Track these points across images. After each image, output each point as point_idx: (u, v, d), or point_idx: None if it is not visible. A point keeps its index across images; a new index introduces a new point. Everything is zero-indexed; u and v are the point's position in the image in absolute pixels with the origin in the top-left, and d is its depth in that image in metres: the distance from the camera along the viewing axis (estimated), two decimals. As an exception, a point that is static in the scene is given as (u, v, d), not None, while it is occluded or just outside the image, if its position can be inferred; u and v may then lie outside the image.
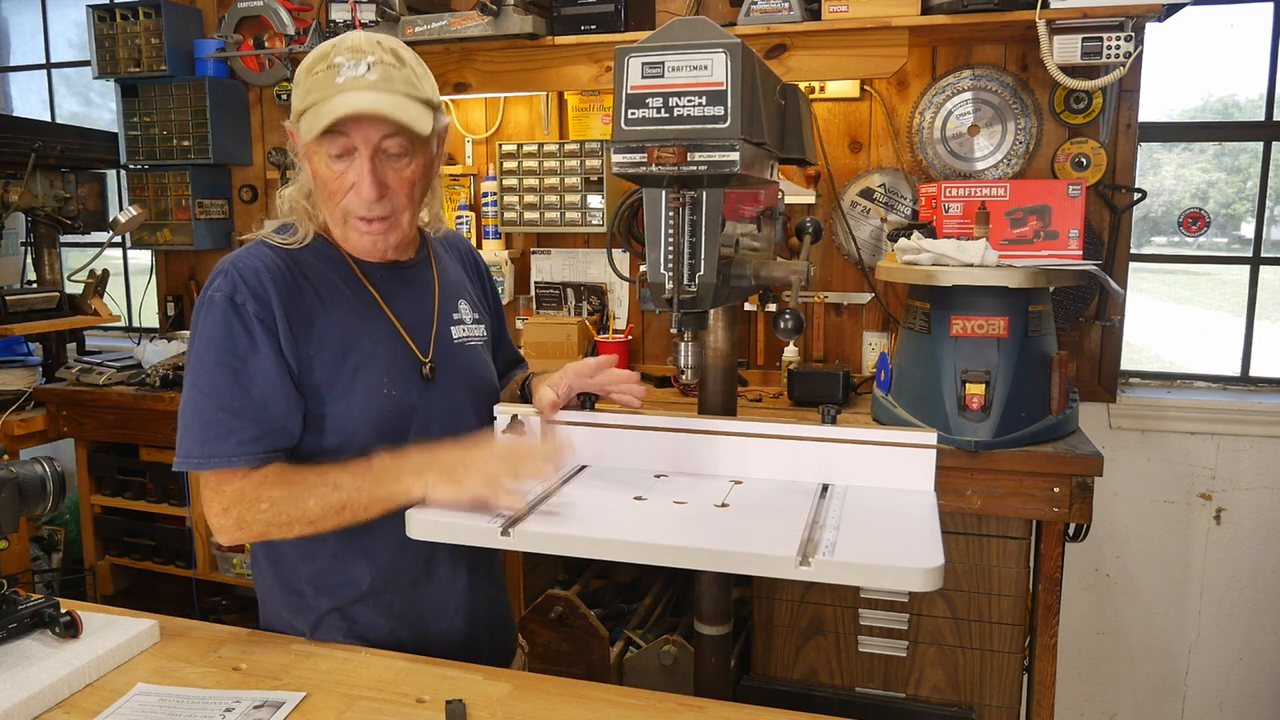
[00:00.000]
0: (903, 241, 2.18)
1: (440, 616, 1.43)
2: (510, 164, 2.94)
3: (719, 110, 1.15)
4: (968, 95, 2.65)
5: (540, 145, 2.91)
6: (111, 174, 3.66)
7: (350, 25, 2.80)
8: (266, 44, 3.06)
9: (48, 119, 3.98)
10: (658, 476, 1.43)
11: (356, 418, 1.31)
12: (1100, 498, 2.30)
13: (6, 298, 2.89)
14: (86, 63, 3.58)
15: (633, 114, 1.18)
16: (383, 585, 1.38)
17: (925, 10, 2.36)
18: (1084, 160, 2.61)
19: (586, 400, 1.53)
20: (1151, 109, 2.81)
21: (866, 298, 2.83)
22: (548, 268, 3.12)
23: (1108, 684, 2.92)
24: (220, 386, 1.25)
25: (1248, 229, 2.84)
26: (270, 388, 1.27)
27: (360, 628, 1.38)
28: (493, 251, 3.06)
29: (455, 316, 1.48)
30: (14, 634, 1.24)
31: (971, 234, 2.12)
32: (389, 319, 1.38)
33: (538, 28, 2.62)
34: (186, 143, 3.31)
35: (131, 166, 3.44)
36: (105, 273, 3.17)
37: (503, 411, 1.48)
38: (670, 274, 1.25)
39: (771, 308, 1.49)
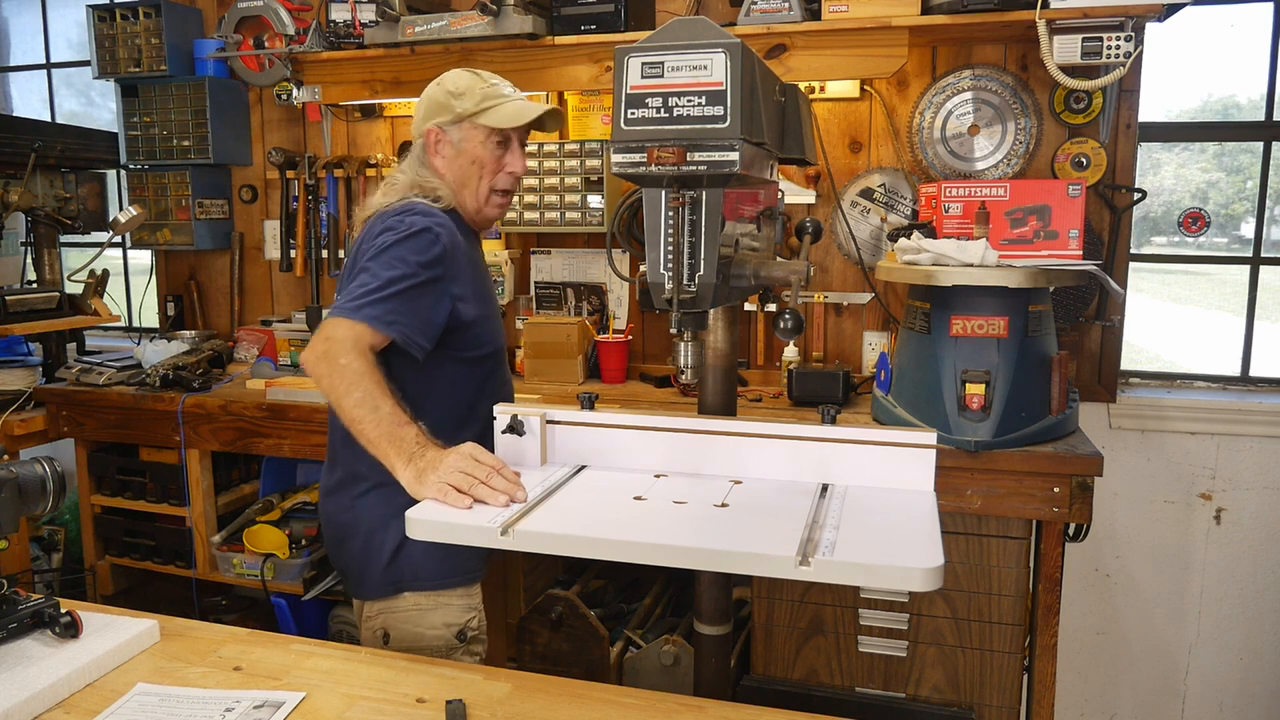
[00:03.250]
0: (903, 241, 2.18)
1: None
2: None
3: (719, 110, 1.15)
4: (968, 95, 2.65)
5: (540, 145, 2.91)
6: (111, 174, 3.66)
7: (350, 25, 2.80)
8: (266, 44, 3.06)
9: (48, 119, 3.98)
10: (657, 476, 1.43)
11: (497, 339, 1.79)
12: (1100, 498, 2.31)
13: (6, 298, 2.89)
14: (86, 63, 3.58)
15: (632, 114, 1.18)
16: None
17: (925, 10, 2.36)
18: (1084, 160, 2.61)
19: (586, 400, 1.53)
20: (1151, 109, 2.81)
21: (866, 298, 2.83)
22: (548, 268, 3.12)
23: (1108, 684, 2.92)
24: (396, 278, 1.54)
25: (1248, 229, 2.84)
26: (427, 307, 1.59)
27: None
28: (493, 251, 3.05)
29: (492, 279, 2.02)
30: (14, 634, 1.24)
31: (971, 234, 2.12)
32: (486, 270, 1.87)
33: (538, 28, 2.62)
34: (186, 143, 3.31)
35: (131, 166, 3.44)
36: (105, 273, 3.17)
37: (502, 412, 1.49)
38: (670, 274, 1.25)
39: (771, 308, 1.49)
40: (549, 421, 1.49)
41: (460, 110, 1.74)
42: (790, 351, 2.72)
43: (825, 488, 1.36)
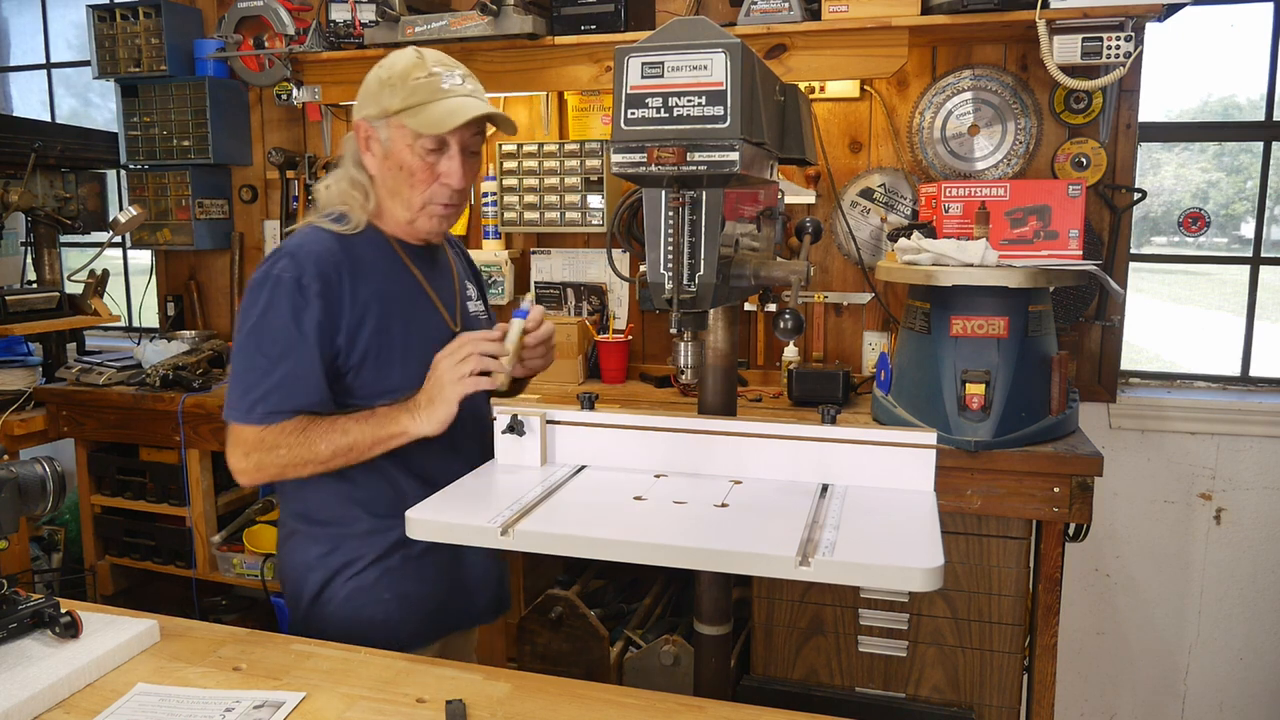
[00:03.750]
0: (903, 241, 2.18)
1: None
2: (510, 164, 2.94)
3: (719, 110, 1.14)
4: (968, 95, 2.65)
5: (540, 145, 2.91)
6: (111, 174, 3.66)
7: (350, 25, 2.80)
8: (266, 44, 3.06)
9: (47, 119, 3.98)
10: (657, 476, 1.43)
11: (410, 377, 1.50)
12: (1100, 498, 2.31)
13: (6, 298, 2.89)
14: (86, 63, 3.58)
15: (632, 114, 1.18)
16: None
17: (925, 10, 2.36)
18: (1084, 160, 2.61)
19: (586, 400, 1.53)
20: (1151, 109, 2.81)
21: (866, 298, 2.83)
22: (548, 268, 3.12)
23: (1108, 684, 2.91)
24: (270, 354, 1.44)
25: (1248, 229, 2.84)
26: (312, 362, 1.45)
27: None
28: (493, 251, 3.06)
29: (467, 293, 1.73)
30: (14, 634, 1.24)
31: (971, 234, 2.12)
32: (429, 294, 1.61)
33: (538, 28, 2.62)
34: (186, 143, 3.31)
35: (131, 166, 3.44)
36: (105, 273, 3.17)
37: (502, 411, 1.49)
38: (670, 274, 1.25)
39: (771, 308, 1.49)
40: (549, 421, 1.49)
41: (386, 105, 1.48)
42: (790, 351, 2.72)
43: (825, 488, 1.36)
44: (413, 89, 1.47)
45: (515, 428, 1.47)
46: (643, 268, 1.29)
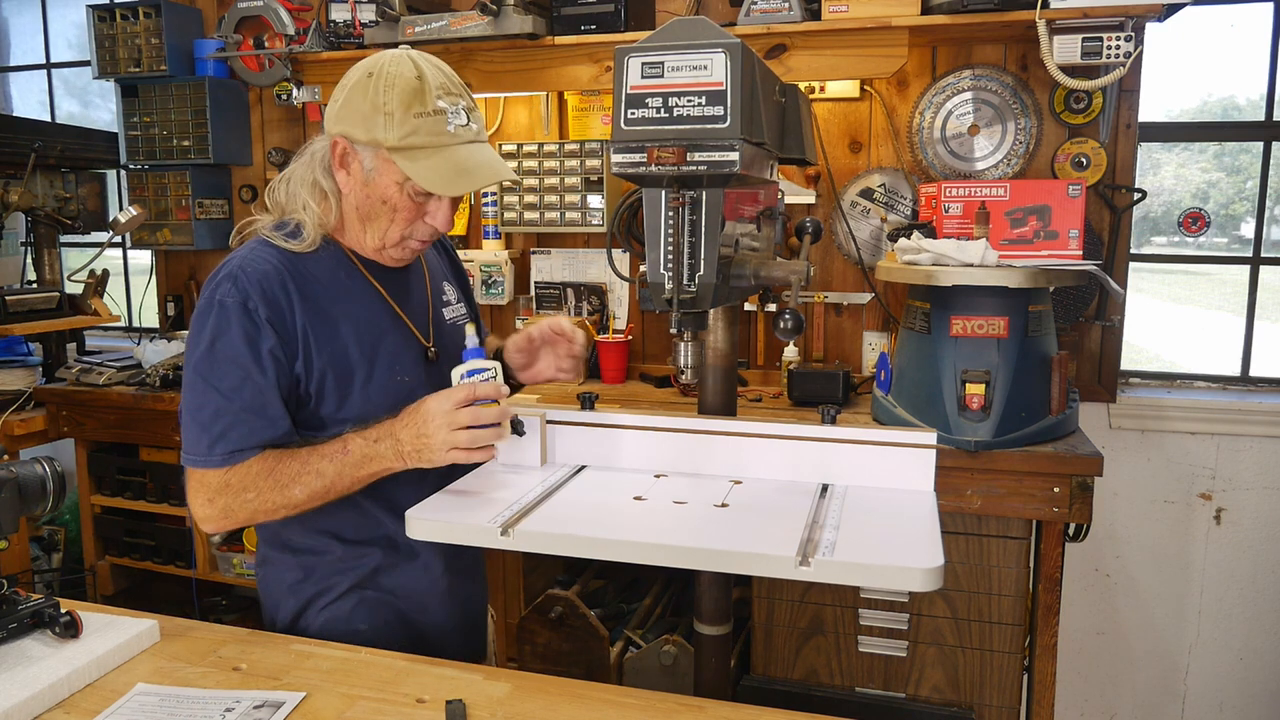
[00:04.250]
0: (903, 241, 2.18)
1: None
2: (510, 164, 2.94)
3: (719, 110, 1.14)
4: (968, 95, 2.65)
5: (540, 145, 2.91)
6: (111, 174, 3.66)
7: (350, 25, 2.80)
8: (266, 44, 3.06)
9: (47, 119, 3.98)
10: (658, 476, 1.43)
11: (373, 403, 1.39)
12: (1100, 498, 2.31)
13: (6, 298, 2.89)
14: (86, 63, 3.58)
15: (632, 114, 1.18)
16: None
17: (925, 10, 2.36)
18: (1084, 160, 2.61)
19: (586, 400, 1.53)
20: (1151, 109, 2.81)
21: (866, 298, 2.83)
22: (548, 268, 3.12)
23: (1108, 684, 2.91)
24: (223, 387, 1.31)
25: (1248, 229, 2.84)
26: (270, 390, 1.33)
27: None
28: (492, 251, 3.06)
29: (444, 299, 1.60)
30: (14, 634, 1.24)
31: (971, 234, 2.12)
32: (395, 312, 1.47)
33: (538, 28, 2.62)
34: (186, 143, 3.31)
35: (131, 166, 3.44)
36: (105, 273, 3.17)
37: (503, 411, 1.48)
38: (670, 274, 1.25)
39: (771, 308, 1.49)
40: (549, 421, 1.49)
41: (378, 137, 1.32)
42: (790, 351, 2.72)
43: (825, 488, 1.36)
44: (414, 127, 1.31)
45: (515, 428, 1.47)
46: (643, 268, 1.29)
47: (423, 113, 1.32)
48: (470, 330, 1.40)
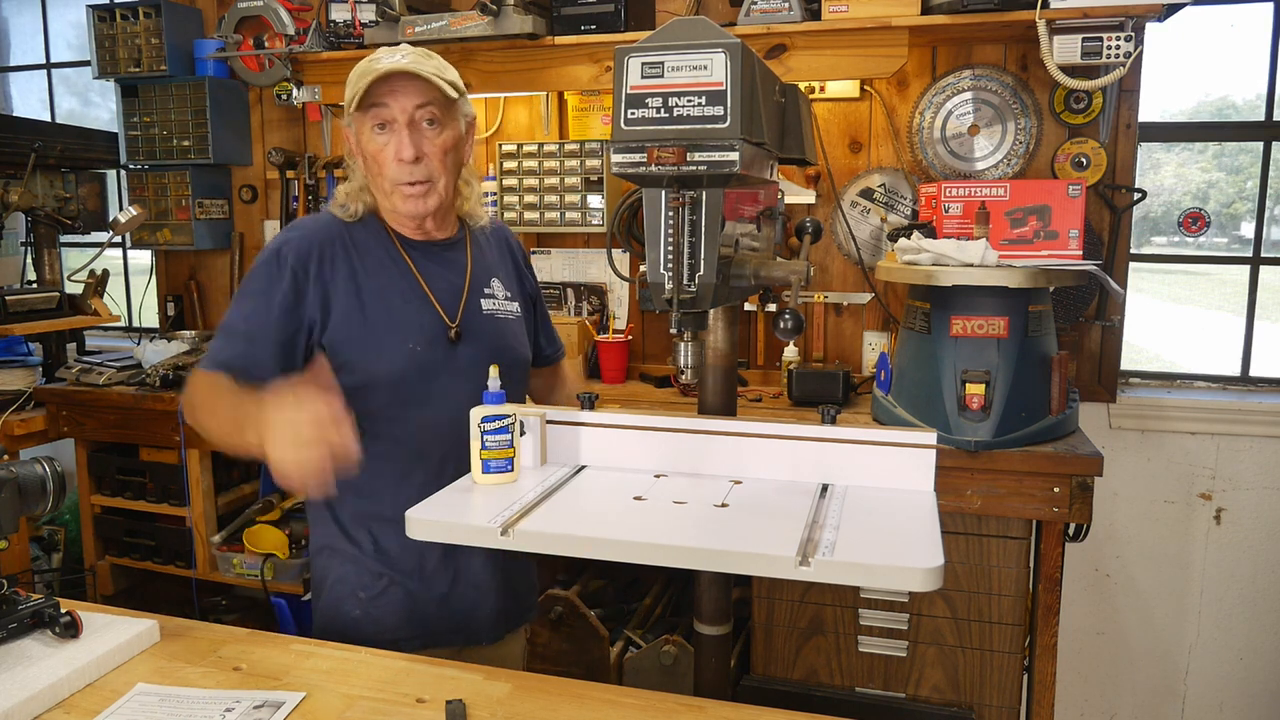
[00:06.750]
0: (903, 241, 2.18)
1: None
2: (510, 164, 2.94)
3: (719, 110, 1.14)
4: (968, 95, 2.65)
5: (540, 145, 2.91)
6: (111, 174, 3.66)
7: (350, 25, 2.80)
8: (266, 44, 3.06)
9: (47, 119, 3.98)
10: (658, 476, 1.43)
11: (378, 366, 1.51)
12: (1100, 498, 2.30)
13: (6, 298, 2.89)
14: (86, 63, 3.58)
15: (632, 114, 1.18)
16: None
17: (925, 10, 2.36)
18: (1084, 160, 2.61)
19: (586, 400, 1.53)
20: (1151, 109, 2.81)
21: (866, 298, 2.83)
22: (548, 268, 3.12)
23: (1108, 684, 2.92)
24: (236, 314, 1.52)
25: (1248, 229, 2.84)
26: (269, 326, 1.48)
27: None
28: (493, 251, 3.05)
29: (487, 291, 1.67)
30: (14, 634, 1.24)
31: (971, 234, 2.12)
32: (420, 286, 1.59)
33: (538, 28, 2.62)
34: (186, 143, 3.31)
35: (131, 166, 3.44)
36: (105, 273, 3.17)
37: (503, 412, 1.48)
38: (670, 274, 1.25)
39: (771, 308, 1.49)
40: (548, 421, 1.49)
41: (347, 102, 1.52)
42: (790, 351, 2.72)
43: (825, 488, 1.36)
44: (358, 76, 1.49)
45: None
46: (643, 268, 1.29)
47: (364, 64, 1.50)
48: (494, 372, 1.39)
